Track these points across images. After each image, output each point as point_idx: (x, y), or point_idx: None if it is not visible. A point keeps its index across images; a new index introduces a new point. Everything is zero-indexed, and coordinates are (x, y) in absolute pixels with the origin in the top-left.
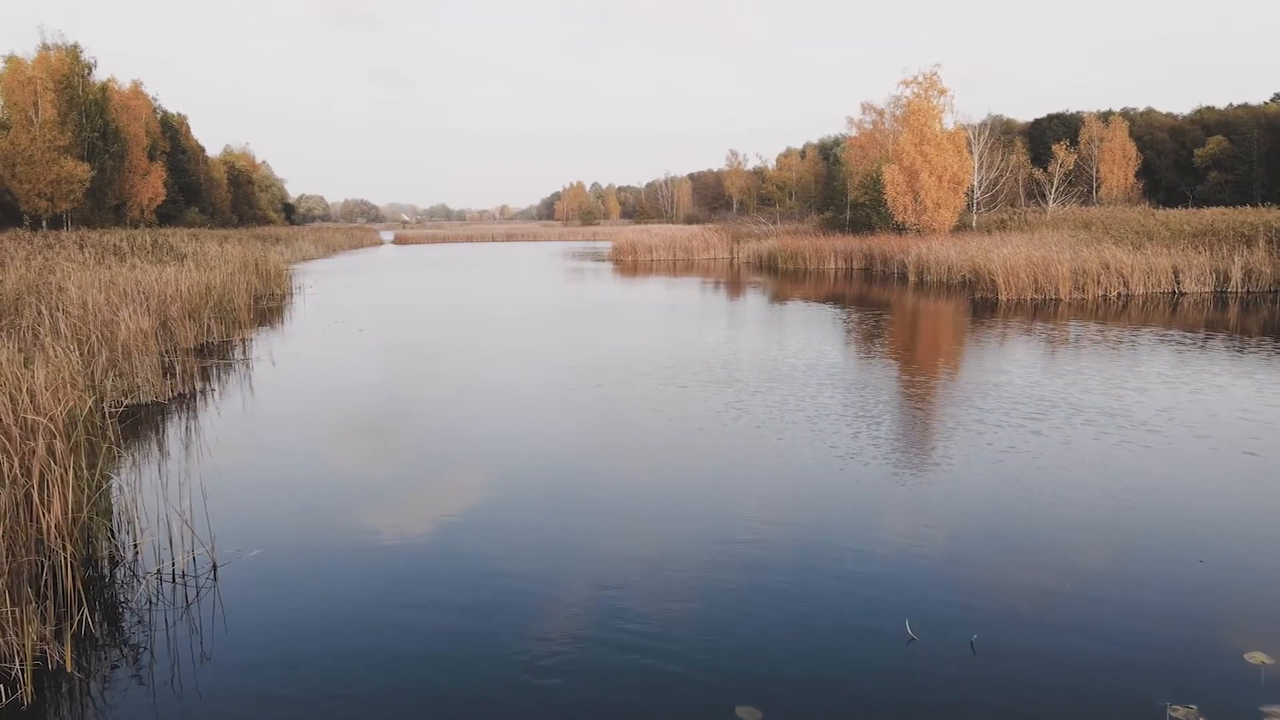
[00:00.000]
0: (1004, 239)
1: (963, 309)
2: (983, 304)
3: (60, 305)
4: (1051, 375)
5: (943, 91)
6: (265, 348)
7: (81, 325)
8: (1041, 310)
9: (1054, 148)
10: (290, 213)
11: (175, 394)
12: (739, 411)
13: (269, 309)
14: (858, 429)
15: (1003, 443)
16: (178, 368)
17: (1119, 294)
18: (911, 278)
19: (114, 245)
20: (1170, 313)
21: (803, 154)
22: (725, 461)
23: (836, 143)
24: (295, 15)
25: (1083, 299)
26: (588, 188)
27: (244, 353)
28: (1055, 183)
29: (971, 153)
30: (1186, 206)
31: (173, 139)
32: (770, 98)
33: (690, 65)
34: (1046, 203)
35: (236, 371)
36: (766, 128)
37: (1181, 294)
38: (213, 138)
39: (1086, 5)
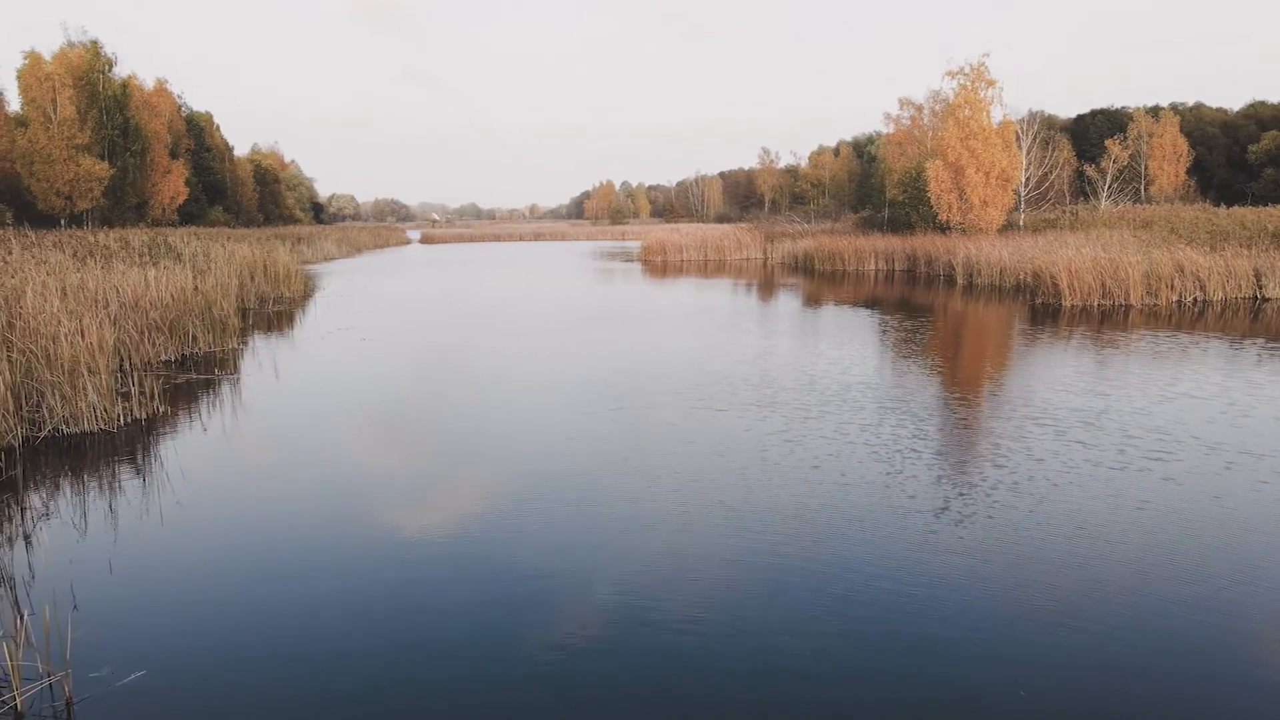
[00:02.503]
0: (1059, 239)
1: (1023, 315)
2: (1044, 310)
3: (13, 315)
4: (1158, 398)
5: (990, 83)
6: (255, 361)
7: (28, 339)
8: (1111, 317)
9: (1107, 143)
10: (319, 212)
11: (130, 420)
12: (789, 444)
13: (274, 314)
14: (940, 472)
15: (1132, 495)
16: (134, 388)
17: (1194, 299)
18: (960, 280)
19: (102, 246)
20: (1254, 320)
21: (836, 151)
22: (777, 516)
23: (871, 140)
24: (330, 18)
25: (1155, 305)
26: (617, 186)
27: (229, 367)
28: (1108, 180)
29: (1020, 147)
30: (1244, 204)
31: (197, 137)
32: (801, 96)
33: (720, 64)
34: (1095, 201)
35: (212, 390)
36: (798, 126)
37: (1264, 299)
38: (246, 138)
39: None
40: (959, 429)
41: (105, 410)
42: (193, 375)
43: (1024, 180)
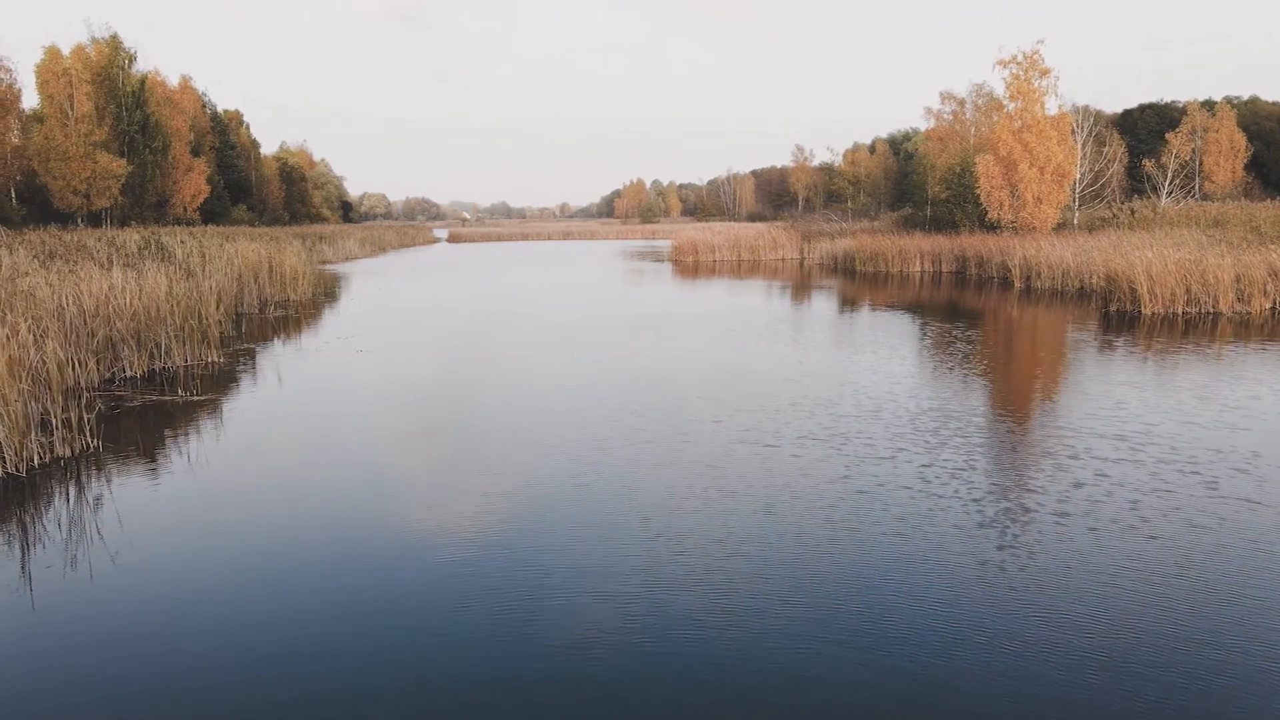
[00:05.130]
0: (1123, 238)
1: (1099, 324)
2: (1120, 317)
3: None
4: None
5: (1044, 72)
6: (232, 378)
7: None
8: (1198, 327)
9: (1168, 136)
10: (348, 210)
11: (50, 459)
12: (861, 498)
13: (274, 319)
14: (1075, 544)
15: None
16: (55, 418)
17: None
18: (1016, 283)
19: (78, 245)
20: None
21: (872, 149)
22: (856, 615)
23: (908, 137)
24: (364, 19)
25: (1247, 313)
26: (648, 185)
27: (198, 386)
28: (1169, 176)
29: (1075, 141)
30: None
31: (222, 135)
32: (833, 94)
33: (750, 63)
34: (1155, 198)
35: (171, 415)
36: (831, 124)
37: None
38: (281, 137)
39: None
40: (1079, 478)
41: (17, 448)
42: (152, 397)
43: (1078, 176)
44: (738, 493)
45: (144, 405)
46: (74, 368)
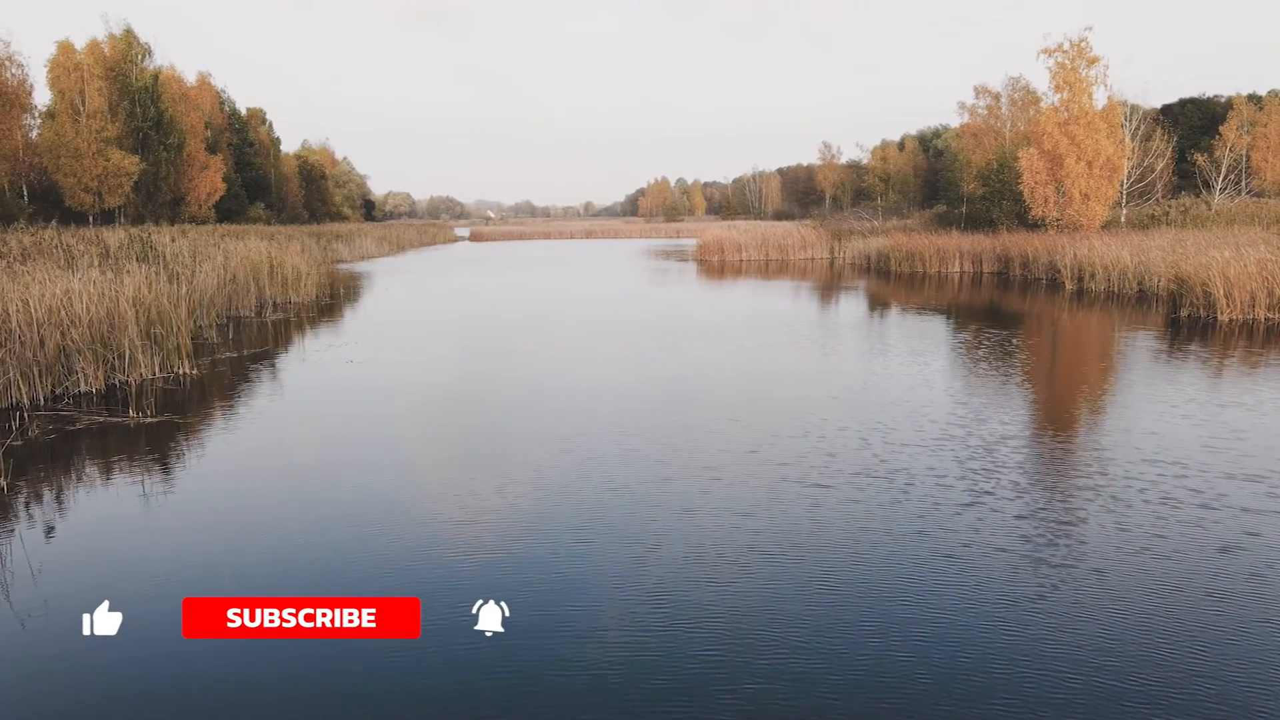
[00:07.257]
0: (1179, 237)
1: (1172, 332)
2: (1193, 324)
3: None
4: None
5: (1092, 61)
6: (199, 395)
7: None
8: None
9: (1221, 129)
10: (371, 209)
11: None
12: (947, 564)
13: (271, 324)
14: (1248, 638)
15: None
16: None
17: None
18: (1067, 285)
19: (55, 245)
20: None
21: (901, 146)
22: None
23: (937, 134)
24: (390, 19)
25: None
26: (672, 183)
27: (158, 405)
28: (1223, 172)
29: (1125, 133)
30: None
31: (240, 132)
32: (858, 90)
33: (773, 60)
34: (1207, 195)
35: (106, 445)
36: (858, 121)
37: None
38: (305, 136)
39: None
40: (1223, 539)
41: None
42: (100, 417)
43: (1127, 172)
44: (783, 555)
45: (88, 428)
46: (15, 385)
